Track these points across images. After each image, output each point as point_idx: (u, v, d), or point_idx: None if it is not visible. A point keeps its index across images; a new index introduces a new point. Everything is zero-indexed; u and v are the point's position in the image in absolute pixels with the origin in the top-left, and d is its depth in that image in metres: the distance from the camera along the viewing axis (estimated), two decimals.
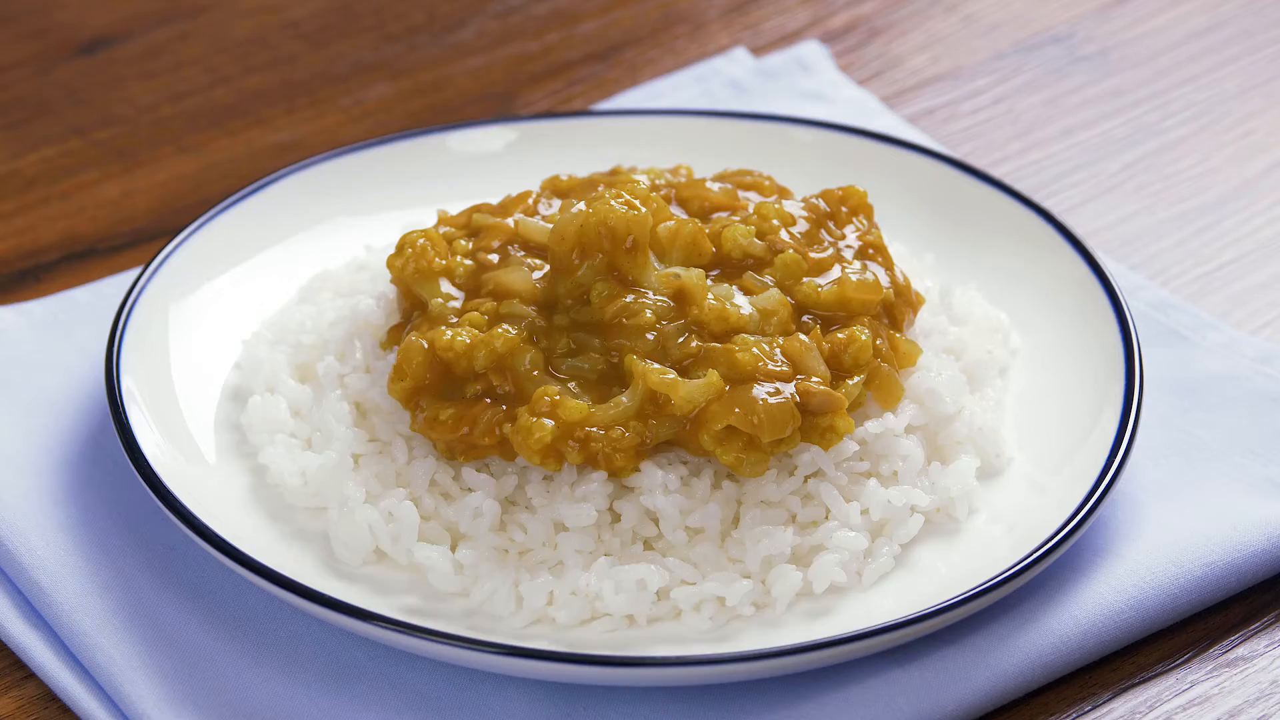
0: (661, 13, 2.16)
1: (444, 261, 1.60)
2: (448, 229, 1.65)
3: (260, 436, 1.61)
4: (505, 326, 1.55)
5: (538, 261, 1.60)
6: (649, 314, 1.54)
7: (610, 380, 1.54)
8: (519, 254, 1.60)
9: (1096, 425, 1.59)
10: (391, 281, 1.62)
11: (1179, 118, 2.03)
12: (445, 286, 1.60)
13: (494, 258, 1.61)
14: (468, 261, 1.61)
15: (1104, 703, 1.50)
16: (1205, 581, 1.54)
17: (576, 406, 1.51)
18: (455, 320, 1.56)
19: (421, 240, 1.61)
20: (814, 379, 1.53)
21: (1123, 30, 2.14)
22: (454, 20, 2.16)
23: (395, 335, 1.62)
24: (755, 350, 1.53)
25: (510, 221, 1.63)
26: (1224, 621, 1.55)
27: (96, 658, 1.49)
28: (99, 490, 1.61)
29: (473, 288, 1.59)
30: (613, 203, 1.55)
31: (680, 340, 1.53)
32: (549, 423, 1.51)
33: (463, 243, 1.62)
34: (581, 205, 1.56)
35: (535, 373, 1.54)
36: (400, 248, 1.61)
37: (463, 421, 1.53)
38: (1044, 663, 1.49)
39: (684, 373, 1.53)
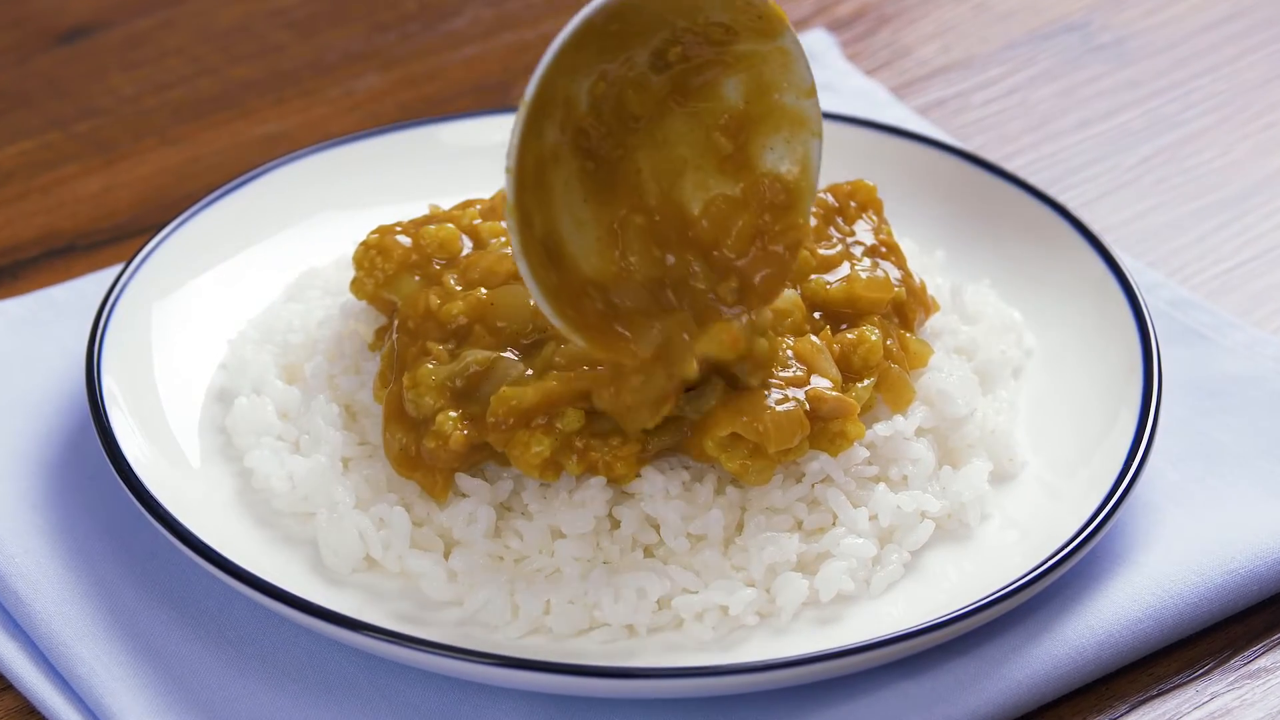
0: None
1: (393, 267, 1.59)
2: (389, 236, 1.61)
3: (246, 439, 1.60)
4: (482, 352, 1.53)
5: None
6: None
7: None
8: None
9: (1113, 428, 1.59)
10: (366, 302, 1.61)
11: (1199, 109, 2.03)
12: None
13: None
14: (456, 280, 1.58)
15: (1121, 715, 1.49)
16: (1226, 589, 1.53)
17: (574, 415, 1.48)
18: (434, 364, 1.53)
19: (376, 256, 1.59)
20: (825, 382, 1.52)
21: (1140, 19, 2.15)
22: (447, 8, 2.16)
23: (383, 336, 1.61)
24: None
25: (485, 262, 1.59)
26: (1246, 631, 1.54)
27: (77, 668, 1.48)
28: (79, 495, 1.60)
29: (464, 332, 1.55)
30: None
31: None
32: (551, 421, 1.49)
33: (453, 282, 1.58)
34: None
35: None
36: (359, 262, 1.60)
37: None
38: (1059, 674, 1.49)
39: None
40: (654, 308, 1.49)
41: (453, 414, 1.49)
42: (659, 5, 1.46)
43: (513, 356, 1.51)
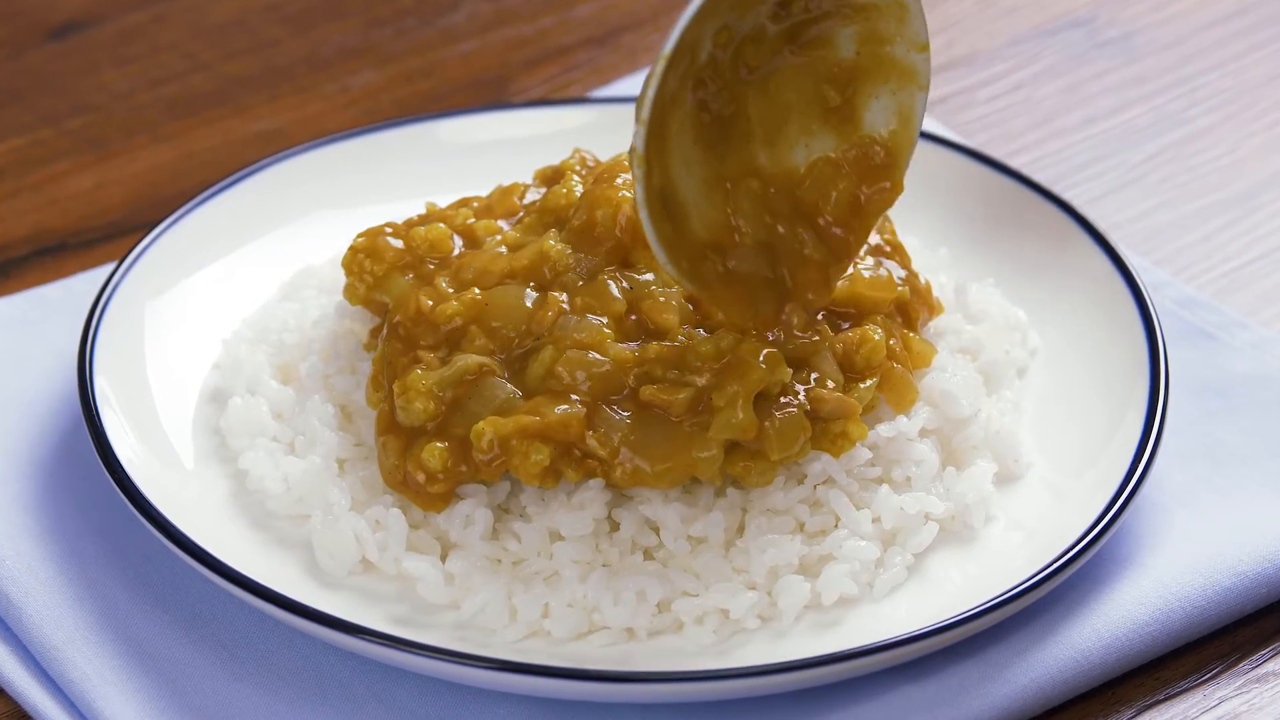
0: None
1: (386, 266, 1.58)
2: (379, 240, 1.61)
3: (240, 440, 1.59)
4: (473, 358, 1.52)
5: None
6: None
7: None
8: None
9: (1119, 428, 1.58)
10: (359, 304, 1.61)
11: (1205, 106, 2.03)
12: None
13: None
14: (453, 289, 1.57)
15: None
16: (1234, 592, 1.52)
17: (545, 451, 1.48)
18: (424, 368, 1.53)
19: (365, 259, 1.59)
20: (827, 383, 1.52)
21: (1146, 14, 2.14)
22: (444, 3, 2.16)
23: (378, 336, 1.60)
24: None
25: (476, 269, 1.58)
26: (1254, 634, 1.54)
27: (69, 673, 1.47)
28: (71, 497, 1.59)
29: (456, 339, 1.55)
30: None
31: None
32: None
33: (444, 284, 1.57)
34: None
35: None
36: (349, 267, 1.59)
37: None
38: (1065, 678, 1.48)
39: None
40: (768, 273, 1.50)
41: (439, 445, 1.48)
42: None
43: (501, 375, 1.50)
